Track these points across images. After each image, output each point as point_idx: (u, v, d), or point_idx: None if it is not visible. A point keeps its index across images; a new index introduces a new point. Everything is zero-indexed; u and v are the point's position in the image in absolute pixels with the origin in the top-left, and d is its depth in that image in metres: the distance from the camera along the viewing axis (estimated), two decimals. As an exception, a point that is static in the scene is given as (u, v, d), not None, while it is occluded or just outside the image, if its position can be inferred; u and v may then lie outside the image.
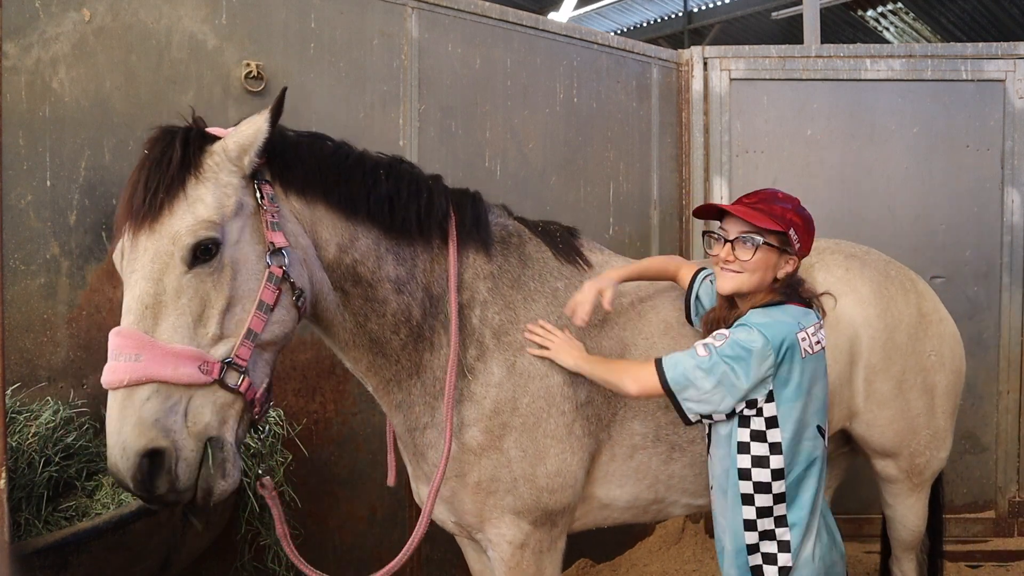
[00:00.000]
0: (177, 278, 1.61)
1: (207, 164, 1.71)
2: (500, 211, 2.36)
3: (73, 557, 1.78)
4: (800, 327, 1.91)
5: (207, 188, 1.68)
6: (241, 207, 1.72)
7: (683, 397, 1.90)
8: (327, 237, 1.91)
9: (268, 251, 1.72)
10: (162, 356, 1.54)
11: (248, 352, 1.66)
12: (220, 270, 1.66)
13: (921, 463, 2.63)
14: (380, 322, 2.03)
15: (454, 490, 2.14)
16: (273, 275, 1.71)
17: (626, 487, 2.30)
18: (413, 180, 2.08)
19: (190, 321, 1.61)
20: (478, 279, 2.17)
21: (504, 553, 2.16)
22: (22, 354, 2.54)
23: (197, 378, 1.58)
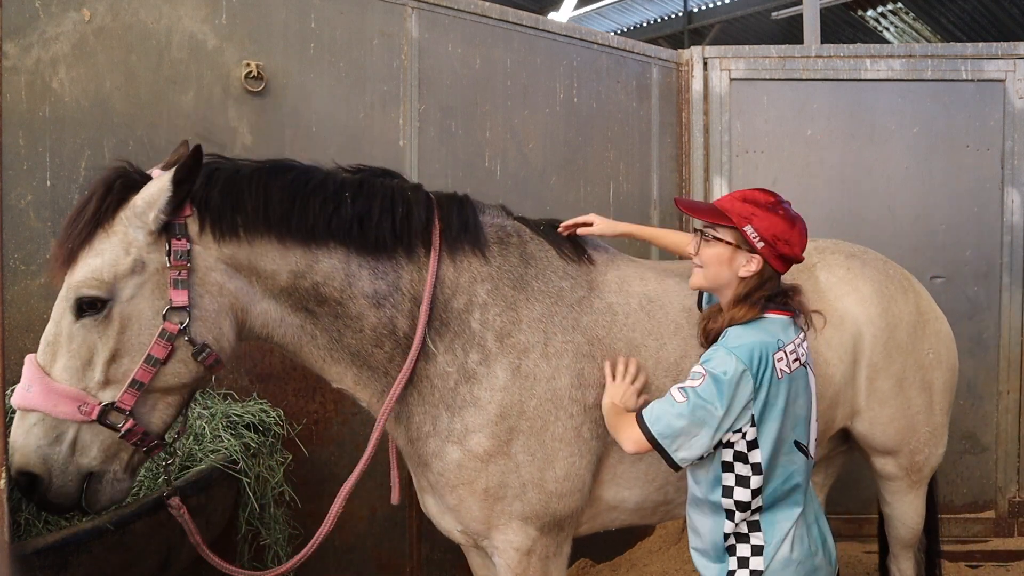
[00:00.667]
0: (69, 325, 1.75)
1: (119, 217, 1.78)
2: (498, 211, 2.33)
3: (73, 557, 1.78)
4: (778, 346, 1.86)
5: (110, 243, 1.77)
6: (142, 265, 1.78)
7: (673, 449, 1.85)
8: (274, 268, 1.92)
9: (167, 308, 1.79)
10: (47, 392, 1.69)
11: (132, 399, 1.76)
12: (107, 324, 1.76)
13: (920, 460, 2.65)
14: (358, 337, 2.04)
15: (461, 498, 2.10)
16: (167, 332, 1.78)
17: (635, 489, 2.28)
18: (388, 195, 2.05)
19: (79, 364, 1.74)
20: (475, 282, 2.14)
21: (511, 560, 2.13)
22: (22, 354, 2.51)
23: (75, 416, 1.71)
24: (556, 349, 2.14)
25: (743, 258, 1.91)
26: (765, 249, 1.89)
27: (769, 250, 1.89)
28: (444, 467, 2.08)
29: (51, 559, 1.73)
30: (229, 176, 1.89)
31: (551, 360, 2.12)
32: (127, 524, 1.89)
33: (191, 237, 1.83)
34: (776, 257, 1.90)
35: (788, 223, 1.90)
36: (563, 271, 2.27)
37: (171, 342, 1.79)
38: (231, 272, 1.89)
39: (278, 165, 1.99)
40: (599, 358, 2.18)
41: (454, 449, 2.07)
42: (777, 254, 1.89)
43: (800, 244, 1.92)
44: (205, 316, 1.84)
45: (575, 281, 2.27)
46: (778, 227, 1.89)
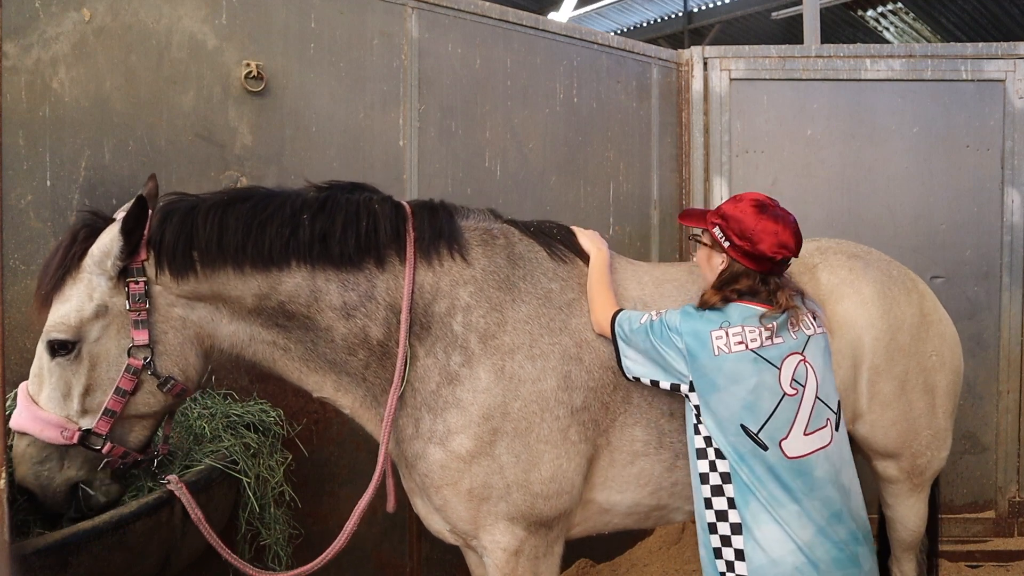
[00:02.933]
0: (47, 362, 1.94)
1: (84, 264, 1.93)
2: (484, 215, 2.34)
3: (73, 557, 1.78)
4: (721, 325, 1.99)
5: (77, 289, 1.93)
6: (105, 309, 1.93)
7: (624, 353, 2.10)
8: (238, 294, 2.02)
9: (130, 346, 1.93)
10: (33, 417, 1.89)
11: (107, 425, 1.93)
12: (79, 362, 1.93)
13: (922, 463, 2.62)
14: (331, 346, 2.10)
15: (446, 498, 2.12)
16: (132, 367, 1.93)
17: (627, 493, 2.27)
18: (352, 210, 2.10)
19: (60, 395, 1.93)
20: (457, 285, 2.15)
21: (499, 560, 2.14)
22: (22, 354, 2.53)
23: (58, 440, 1.90)
24: (542, 351, 2.14)
25: (718, 258, 2.10)
26: (731, 249, 2.05)
27: (735, 250, 2.04)
28: (428, 468, 2.10)
29: (51, 559, 1.74)
30: (184, 214, 1.98)
31: (537, 362, 2.12)
32: (127, 524, 1.90)
33: (149, 278, 1.96)
34: (743, 255, 2.03)
35: (754, 220, 2.02)
36: (553, 272, 2.27)
37: (137, 375, 1.94)
38: (193, 303, 2.01)
39: (238, 195, 2.07)
40: (587, 360, 2.18)
41: (436, 450, 2.08)
42: (743, 252, 2.02)
43: (773, 243, 2.00)
44: (169, 350, 1.99)
45: (565, 283, 2.27)
46: (744, 225, 2.02)
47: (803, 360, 2.03)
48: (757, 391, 1.96)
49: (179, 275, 1.96)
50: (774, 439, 1.97)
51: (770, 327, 1.99)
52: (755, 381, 1.96)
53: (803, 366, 2.03)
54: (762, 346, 1.98)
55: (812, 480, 1.98)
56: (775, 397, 1.98)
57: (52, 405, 1.92)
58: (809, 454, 1.99)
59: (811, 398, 2.02)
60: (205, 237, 1.96)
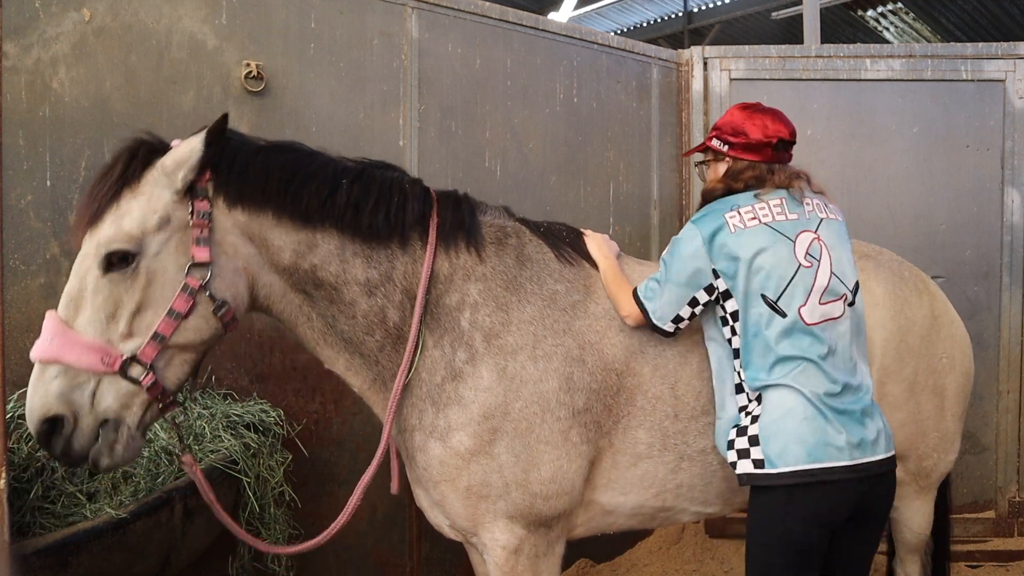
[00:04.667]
0: (96, 279, 1.82)
1: (146, 178, 1.88)
2: (499, 212, 2.34)
3: (73, 557, 1.78)
4: (732, 208, 2.10)
5: (138, 202, 1.85)
6: (167, 222, 1.87)
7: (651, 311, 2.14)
8: (279, 244, 2.00)
9: (189, 264, 1.87)
10: (70, 344, 1.76)
11: (154, 352, 1.83)
12: (134, 277, 1.83)
13: (929, 466, 2.59)
14: (351, 323, 2.09)
15: (444, 494, 2.12)
16: (189, 287, 1.87)
17: (630, 495, 2.27)
18: (386, 185, 2.11)
19: (103, 317, 1.81)
20: (468, 281, 2.15)
21: (498, 558, 2.14)
22: (22, 354, 2.53)
23: (97, 367, 1.78)
24: (545, 352, 2.14)
25: (723, 165, 2.24)
26: (731, 149, 2.20)
27: (733, 148, 2.19)
28: (427, 462, 2.11)
29: (51, 559, 1.74)
30: (239, 147, 1.98)
31: (539, 363, 2.12)
32: (127, 524, 1.90)
33: (211, 199, 1.92)
34: (743, 149, 2.17)
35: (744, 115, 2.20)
36: (559, 274, 2.27)
37: (193, 297, 1.86)
38: (244, 239, 1.97)
39: (283, 144, 2.08)
40: (590, 362, 2.18)
41: (436, 445, 2.09)
42: (741, 147, 2.17)
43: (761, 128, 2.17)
44: (223, 274, 1.92)
45: (571, 285, 2.27)
46: (735, 123, 2.19)
47: (816, 238, 2.11)
48: (776, 260, 2.04)
49: (234, 204, 1.94)
50: (791, 306, 2.03)
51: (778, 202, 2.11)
52: (772, 251, 2.04)
53: (816, 243, 2.10)
54: (775, 220, 2.08)
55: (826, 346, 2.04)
56: (792, 267, 2.05)
57: (92, 329, 1.79)
58: (824, 321, 2.06)
59: (826, 271, 2.08)
60: (255, 176, 1.96)
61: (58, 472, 2.15)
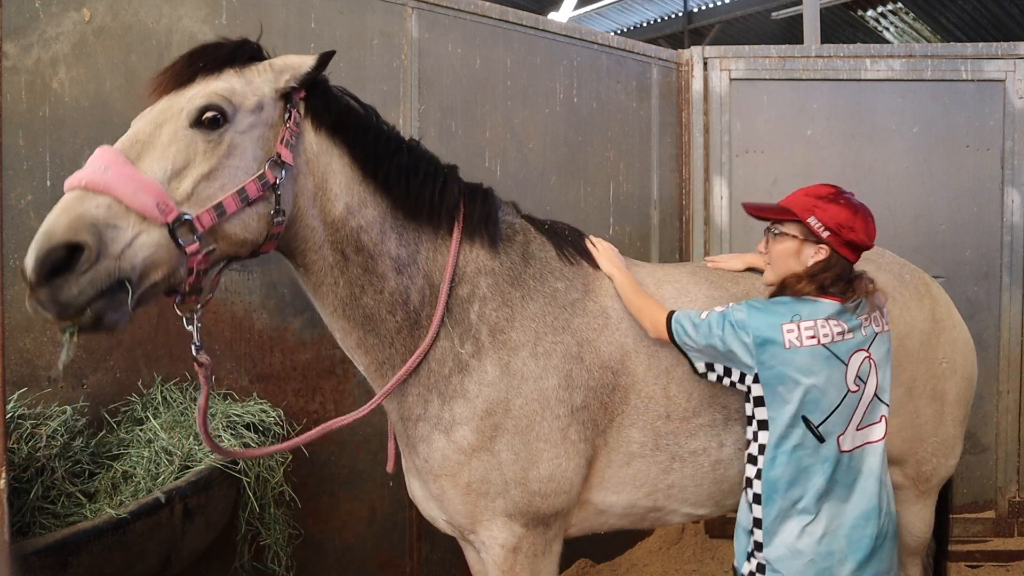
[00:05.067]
0: (176, 129, 1.71)
1: (252, 67, 1.89)
2: (508, 208, 2.36)
3: (73, 557, 1.78)
4: (793, 318, 1.98)
5: (240, 80, 1.83)
6: (261, 109, 1.85)
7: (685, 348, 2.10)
8: (336, 192, 2.00)
9: (271, 159, 1.83)
10: (127, 176, 1.59)
11: (210, 221, 1.70)
12: (217, 143, 1.75)
13: (928, 470, 2.58)
14: (377, 298, 2.07)
15: (444, 489, 2.12)
16: (265, 177, 1.80)
17: (622, 494, 2.27)
18: (432, 163, 2.17)
19: (169, 168, 1.67)
20: (480, 274, 2.16)
21: (497, 556, 2.14)
22: (22, 354, 2.53)
23: (151, 212, 1.60)
24: (545, 349, 2.14)
25: (811, 250, 2.06)
26: (831, 238, 2.02)
27: (835, 239, 2.02)
28: (429, 454, 2.11)
29: (51, 559, 1.74)
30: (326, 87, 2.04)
31: (540, 360, 2.13)
32: (127, 524, 1.90)
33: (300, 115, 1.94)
34: (843, 245, 2.03)
35: (851, 211, 2.03)
36: (560, 272, 2.28)
37: (264, 189, 1.80)
38: (309, 168, 1.97)
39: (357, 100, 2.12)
40: (588, 360, 2.18)
41: (440, 438, 2.09)
42: (844, 241, 2.02)
43: (865, 230, 2.03)
44: (288, 186, 1.89)
45: (570, 283, 2.27)
46: (841, 215, 2.01)
47: (868, 357, 2.05)
48: (825, 386, 1.98)
49: (316, 128, 1.97)
50: (832, 433, 2.00)
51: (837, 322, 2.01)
52: (824, 376, 1.98)
53: (867, 363, 2.05)
54: (833, 341, 2.00)
55: (857, 474, 2.04)
56: (840, 393, 2.01)
57: (155, 173, 1.64)
58: (858, 448, 2.05)
59: (870, 394, 2.06)
60: (340, 114, 2.01)
61: (58, 472, 2.15)
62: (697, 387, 2.26)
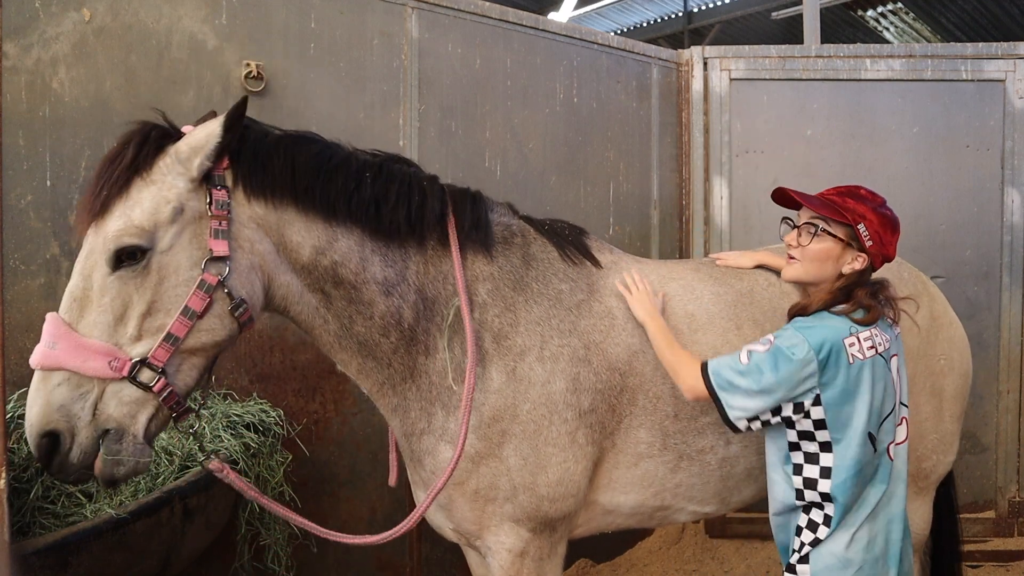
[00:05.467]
0: (102, 277, 1.68)
1: (158, 165, 1.75)
2: (504, 210, 2.31)
3: (73, 557, 1.78)
4: (850, 332, 1.89)
5: (149, 191, 1.72)
6: (181, 213, 1.74)
7: (728, 404, 1.90)
8: (299, 240, 1.90)
9: (206, 258, 1.74)
10: (75, 348, 1.62)
11: (166, 354, 1.70)
12: (145, 274, 1.70)
13: (928, 467, 2.59)
14: (367, 324, 2.01)
15: (451, 497, 2.10)
16: (205, 283, 1.73)
17: (630, 494, 2.26)
18: (405, 181, 2.04)
19: (111, 319, 1.68)
20: (477, 281, 2.12)
21: (504, 561, 2.13)
22: (22, 354, 2.53)
23: (105, 373, 1.64)
24: (552, 353, 2.12)
25: (850, 255, 1.97)
26: (873, 248, 1.95)
27: (876, 249, 1.96)
28: (436, 465, 2.08)
29: (51, 559, 1.74)
30: (259, 136, 1.88)
31: (547, 364, 2.10)
32: (127, 524, 1.90)
33: (229, 189, 1.80)
34: (879, 257, 1.98)
35: (892, 224, 1.99)
36: (563, 273, 2.25)
37: (209, 294, 1.74)
38: (261, 234, 1.86)
39: (304, 136, 1.98)
40: (595, 362, 2.16)
41: (447, 448, 2.06)
42: (882, 254, 1.97)
43: (895, 244, 2.00)
44: (240, 270, 1.80)
45: (575, 284, 2.24)
46: (886, 227, 1.97)
47: (896, 358, 2.05)
48: (884, 396, 1.94)
49: (253, 195, 1.83)
50: (884, 442, 1.98)
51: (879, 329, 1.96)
52: (883, 387, 1.94)
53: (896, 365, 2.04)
54: (886, 349, 1.96)
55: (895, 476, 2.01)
56: (892, 402, 1.98)
57: (99, 331, 1.66)
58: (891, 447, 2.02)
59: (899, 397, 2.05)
60: (279, 167, 1.85)
61: None
62: None
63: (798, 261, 2.02)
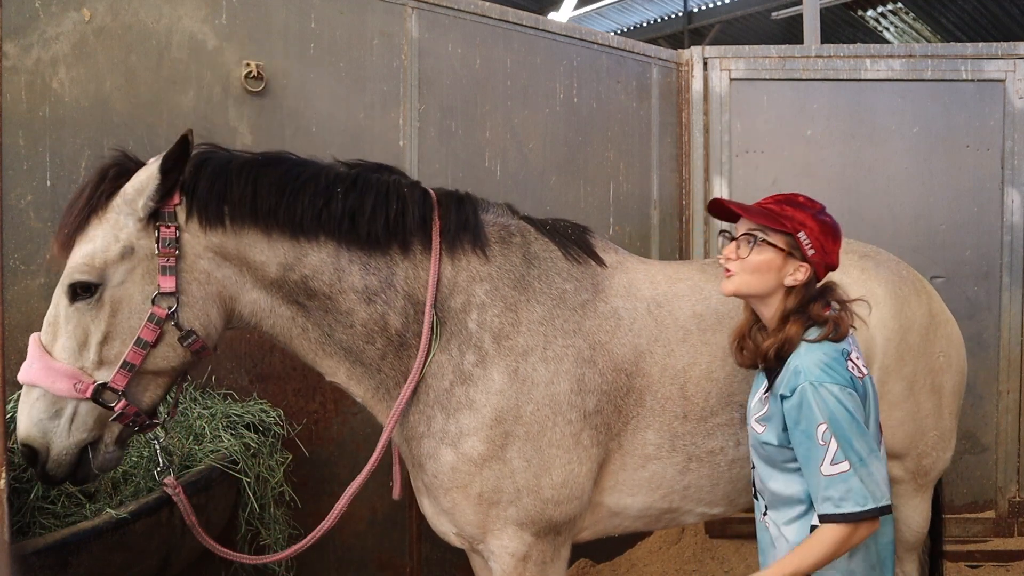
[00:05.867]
0: (65, 307, 1.83)
1: (112, 204, 1.85)
2: (502, 210, 2.30)
3: (73, 557, 1.78)
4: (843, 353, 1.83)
5: (102, 230, 1.84)
6: (131, 251, 1.84)
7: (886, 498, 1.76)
8: (263, 259, 1.95)
9: (155, 293, 1.85)
10: (46, 369, 1.79)
11: (124, 380, 1.83)
12: (99, 307, 1.82)
13: (927, 464, 2.60)
14: (349, 332, 2.03)
15: (455, 501, 2.08)
16: (155, 316, 1.84)
17: (638, 496, 2.24)
18: (382, 191, 2.04)
19: (75, 344, 1.82)
20: (474, 282, 2.10)
21: (507, 565, 2.11)
22: (22, 354, 2.52)
23: (71, 393, 1.79)
24: (556, 353, 2.09)
25: (792, 266, 1.86)
26: (815, 257, 1.85)
27: (819, 258, 1.85)
28: (438, 469, 2.07)
29: (51, 559, 1.74)
30: (219, 165, 1.92)
31: (550, 364, 2.08)
32: (127, 524, 1.90)
33: (180, 225, 1.87)
34: (822, 266, 1.87)
35: (833, 231, 1.89)
36: (567, 273, 2.22)
37: (159, 326, 1.84)
38: (219, 261, 1.92)
39: (272, 157, 2.01)
40: (601, 363, 2.14)
41: (448, 451, 2.04)
42: (825, 263, 1.87)
43: (837, 252, 1.91)
44: (193, 303, 1.89)
45: (579, 283, 2.22)
46: (827, 234, 1.86)
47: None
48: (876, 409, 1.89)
49: (209, 226, 1.89)
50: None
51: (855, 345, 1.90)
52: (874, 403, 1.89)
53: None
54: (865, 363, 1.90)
55: None
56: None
57: (66, 355, 1.81)
58: None
59: None
60: (239, 192, 1.89)
61: None
62: (715, 386, 2.22)
63: (736, 274, 1.90)
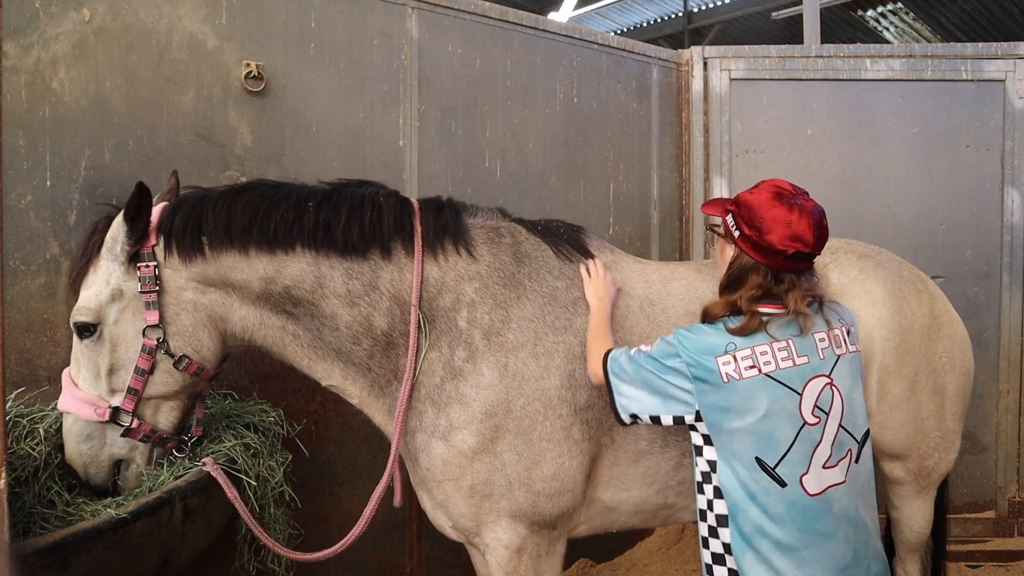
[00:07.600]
0: (76, 344, 2.10)
1: (102, 252, 2.08)
2: (492, 214, 2.38)
3: (73, 557, 1.78)
4: (727, 349, 1.76)
5: (96, 276, 2.08)
6: (120, 292, 2.06)
7: (616, 392, 1.92)
8: (244, 278, 2.10)
9: (145, 326, 2.06)
10: (72, 396, 2.07)
11: (132, 403, 2.07)
12: (102, 343, 2.07)
13: (929, 465, 2.59)
14: (335, 335, 2.15)
15: (448, 494, 2.13)
16: (147, 347, 2.06)
17: (633, 491, 2.27)
18: (356, 202, 2.17)
19: (92, 376, 2.08)
20: (462, 281, 2.17)
21: (501, 558, 2.15)
22: (22, 354, 2.53)
23: (93, 417, 2.05)
24: (546, 349, 2.14)
25: (730, 249, 1.91)
26: (740, 239, 1.85)
27: (744, 240, 1.83)
28: (430, 462, 2.12)
29: (51, 559, 1.74)
30: (195, 202, 2.10)
31: (541, 360, 2.13)
32: (127, 524, 1.90)
33: (160, 262, 2.07)
34: (751, 246, 1.82)
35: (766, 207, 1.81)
36: (559, 271, 2.27)
37: (151, 355, 2.06)
38: (203, 288, 2.10)
39: (248, 184, 2.19)
40: None
41: (439, 445, 2.10)
42: (751, 243, 1.82)
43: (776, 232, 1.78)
44: (181, 331, 2.09)
45: (571, 281, 2.26)
46: (754, 212, 1.81)
47: (830, 383, 1.84)
48: (774, 420, 1.77)
49: (187, 257, 2.06)
50: (794, 474, 1.78)
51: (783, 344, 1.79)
52: (773, 409, 1.77)
53: (829, 390, 1.84)
54: (778, 368, 1.77)
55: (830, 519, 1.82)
56: (794, 427, 1.79)
57: (87, 385, 2.07)
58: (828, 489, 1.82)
59: (834, 427, 1.84)
60: (213, 221, 2.06)
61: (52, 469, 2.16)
62: None
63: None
